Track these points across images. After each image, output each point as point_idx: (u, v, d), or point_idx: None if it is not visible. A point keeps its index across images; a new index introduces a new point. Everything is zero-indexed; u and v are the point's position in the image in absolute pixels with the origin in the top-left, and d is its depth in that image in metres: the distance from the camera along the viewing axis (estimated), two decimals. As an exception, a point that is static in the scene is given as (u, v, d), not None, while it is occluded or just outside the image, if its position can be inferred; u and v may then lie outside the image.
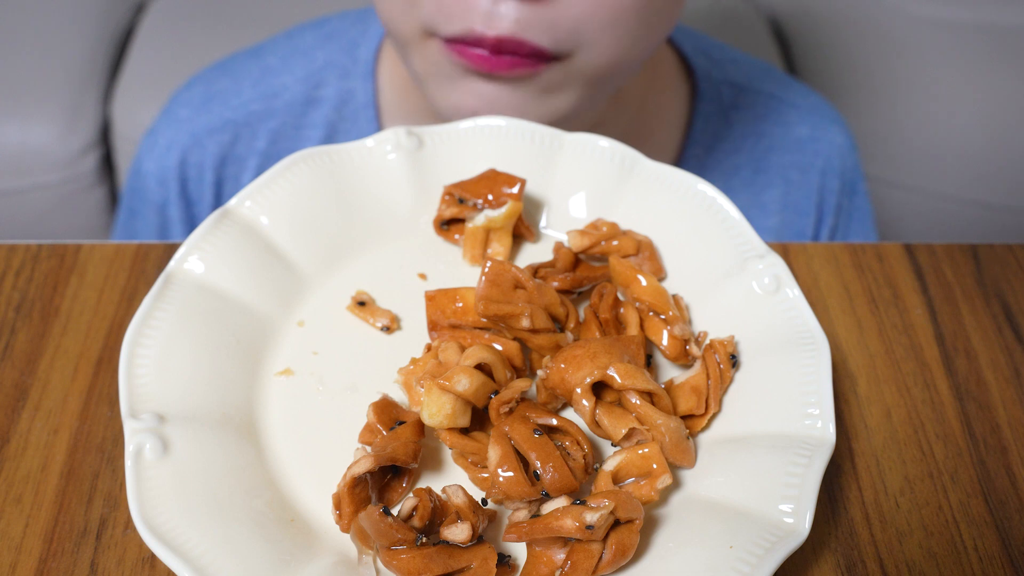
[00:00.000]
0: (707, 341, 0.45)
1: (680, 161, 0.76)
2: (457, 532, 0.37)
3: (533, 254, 0.51)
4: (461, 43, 0.55)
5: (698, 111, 0.76)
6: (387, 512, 0.37)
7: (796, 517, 0.37)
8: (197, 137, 0.75)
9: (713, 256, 0.48)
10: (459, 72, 0.57)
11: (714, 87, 0.77)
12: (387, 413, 0.42)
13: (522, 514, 0.39)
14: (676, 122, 0.77)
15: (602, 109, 0.69)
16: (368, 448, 0.40)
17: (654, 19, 0.57)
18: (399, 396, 0.44)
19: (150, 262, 0.51)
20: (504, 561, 0.38)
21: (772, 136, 0.78)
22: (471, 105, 0.58)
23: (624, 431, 0.40)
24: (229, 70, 0.78)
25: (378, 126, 0.73)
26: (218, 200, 0.77)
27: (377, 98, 0.73)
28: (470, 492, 0.40)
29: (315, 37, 0.77)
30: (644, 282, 0.46)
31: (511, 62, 0.55)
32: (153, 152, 0.77)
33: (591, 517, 0.36)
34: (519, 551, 0.39)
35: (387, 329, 0.47)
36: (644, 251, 0.49)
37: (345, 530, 0.39)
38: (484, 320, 0.44)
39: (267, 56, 0.77)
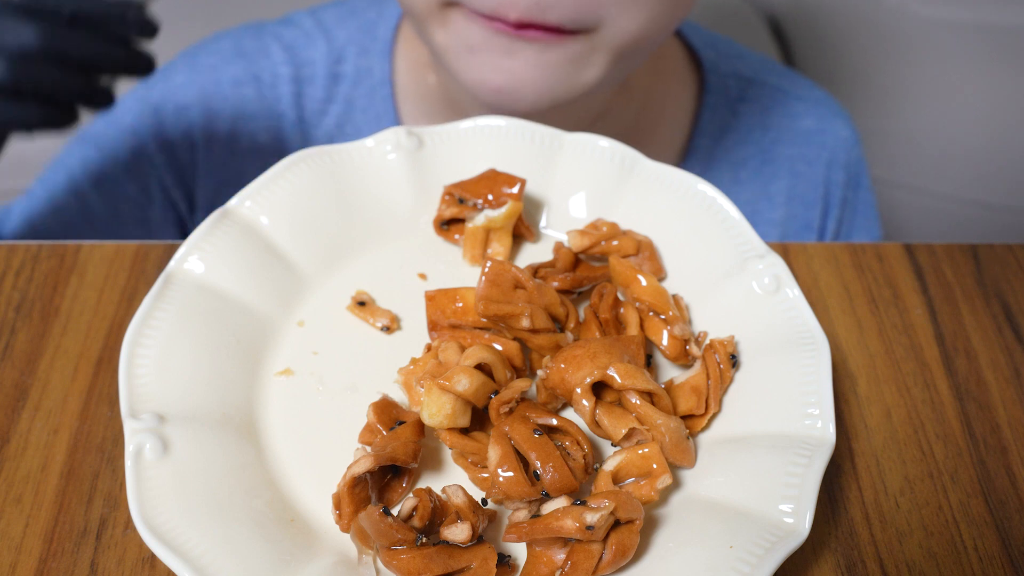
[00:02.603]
0: (707, 341, 0.45)
1: (688, 152, 0.77)
2: (457, 532, 0.37)
3: (533, 254, 0.51)
4: (484, 17, 0.55)
5: (706, 103, 0.77)
6: (387, 512, 0.37)
7: (796, 517, 0.37)
8: (220, 85, 0.74)
9: (713, 256, 0.48)
10: (481, 40, 0.57)
11: (721, 80, 0.78)
12: (387, 413, 0.42)
13: (522, 514, 0.39)
14: (684, 114, 0.77)
15: (610, 98, 0.69)
16: (368, 448, 0.40)
17: None
18: (399, 396, 0.44)
19: (150, 262, 0.51)
20: (504, 561, 0.38)
21: (779, 128, 0.79)
22: (497, 81, 0.58)
23: (624, 431, 0.40)
24: (258, 33, 0.77)
25: (393, 104, 0.73)
26: (218, 158, 0.75)
27: (393, 77, 0.73)
28: (470, 492, 0.40)
29: (337, 14, 0.77)
30: (644, 282, 0.46)
31: (533, 35, 0.55)
32: (167, 84, 0.74)
33: (591, 517, 0.36)
34: (519, 551, 0.39)
35: (387, 329, 0.47)
36: (644, 251, 0.49)
37: (345, 530, 0.39)
38: (484, 320, 0.44)
39: (293, 28, 0.76)
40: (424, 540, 0.37)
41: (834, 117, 0.81)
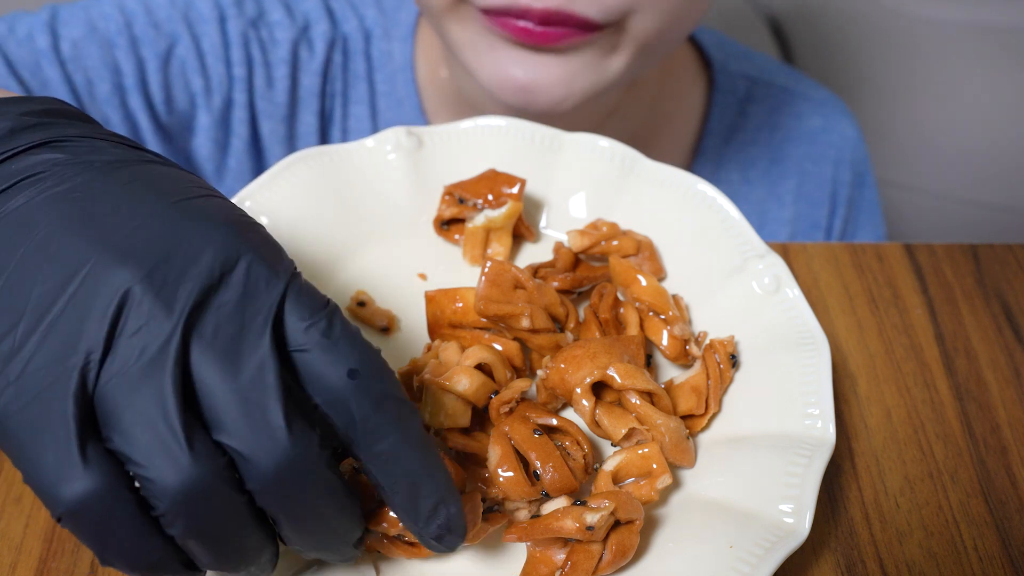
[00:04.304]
0: (707, 341, 0.45)
1: (698, 152, 0.77)
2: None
3: (533, 254, 0.51)
4: (504, 15, 0.53)
5: (715, 102, 0.77)
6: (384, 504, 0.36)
7: (796, 517, 0.37)
8: (255, 23, 0.69)
9: (713, 256, 0.48)
10: (501, 41, 0.55)
11: (731, 79, 0.78)
12: (387, 413, 0.42)
13: (522, 514, 0.39)
14: (693, 113, 0.78)
15: (620, 96, 0.69)
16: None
17: None
18: (399, 396, 0.44)
19: (150, 262, 0.51)
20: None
21: (787, 128, 0.79)
22: (517, 77, 0.55)
23: (624, 431, 0.40)
24: None
25: (416, 87, 0.72)
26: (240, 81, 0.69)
27: (415, 61, 0.72)
28: (470, 493, 0.40)
29: None
30: (644, 282, 0.46)
31: (559, 33, 0.53)
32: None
33: (591, 518, 0.36)
34: (519, 551, 0.39)
35: (386, 330, 0.47)
36: (644, 251, 0.49)
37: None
38: (484, 320, 0.44)
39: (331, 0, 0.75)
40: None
41: (840, 117, 0.81)
